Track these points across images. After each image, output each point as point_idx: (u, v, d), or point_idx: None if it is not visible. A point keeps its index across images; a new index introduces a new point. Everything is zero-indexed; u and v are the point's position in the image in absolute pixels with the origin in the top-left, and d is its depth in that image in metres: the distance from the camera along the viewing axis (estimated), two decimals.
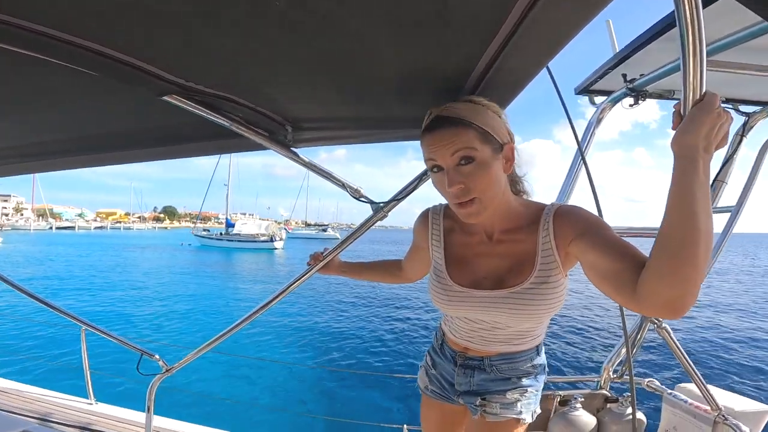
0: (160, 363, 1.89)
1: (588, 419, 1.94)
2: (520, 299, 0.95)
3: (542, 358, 1.15)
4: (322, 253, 1.48)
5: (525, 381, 1.10)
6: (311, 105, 1.06)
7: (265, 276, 21.81)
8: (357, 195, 1.35)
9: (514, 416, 1.07)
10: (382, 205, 1.35)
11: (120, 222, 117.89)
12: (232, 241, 42.38)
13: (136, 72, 0.78)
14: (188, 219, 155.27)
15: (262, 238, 42.25)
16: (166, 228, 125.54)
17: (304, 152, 1.30)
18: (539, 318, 0.99)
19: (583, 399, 2.00)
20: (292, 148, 1.27)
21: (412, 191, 1.33)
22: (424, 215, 1.17)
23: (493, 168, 0.88)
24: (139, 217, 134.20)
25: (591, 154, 1.91)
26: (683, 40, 0.59)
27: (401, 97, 0.98)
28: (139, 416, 2.70)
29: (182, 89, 0.89)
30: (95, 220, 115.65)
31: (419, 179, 1.31)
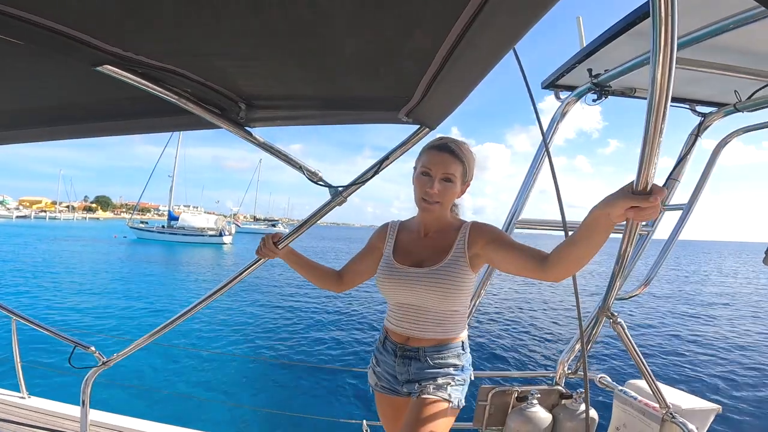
0: (96, 355, 1.86)
1: (544, 415, 2.03)
2: (433, 276, 1.36)
3: (467, 356, 1.49)
4: (275, 240, 1.47)
5: (452, 371, 1.42)
6: (267, 81, 1.04)
7: (216, 273, 21.43)
8: (315, 179, 1.34)
9: (445, 398, 1.36)
10: (341, 189, 1.36)
11: (45, 211, 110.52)
12: (176, 234, 41.13)
13: (65, 40, 0.73)
14: (124, 210, 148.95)
15: (210, 233, 41.49)
16: (98, 219, 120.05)
17: (260, 133, 1.28)
18: (448, 296, 1.36)
19: (539, 395, 2.08)
20: (246, 128, 1.24)
21: (372, 177, 1.35)
22: (386, 225, 1.61)
23: (456, 190, 1.39)
24: (68, 206, 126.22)
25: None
26: (655, 35, 0.62)
27: (363, 77, 0.98)
28: (76, 410, 2.63)
29: (120, 59, 0.84)
30: (17, 209, 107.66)
31: (379, 164, 1.34)
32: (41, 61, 0.86)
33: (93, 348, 1.87)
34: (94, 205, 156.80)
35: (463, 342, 1.47)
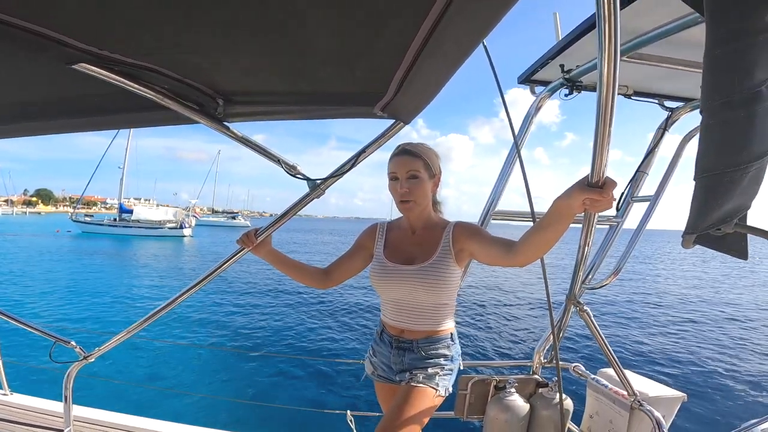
0: (77, 350, 1.93)
1: (521, 404, 2.21)
2: (423, 272, 1.56)
3: (457, 347, 1.70)
4: (255, 233, 1.57)
5: (442, 361, 1.63)
6: (243, 77, 1.12)
7: (184, 265, 22.14)
8: (293, 172, 1.44)
9: (432, 386, 1.55)
10: (318, 182, 1.46)
11: None
12: (130, 227, 41.64)
13: (39, 39, 0.79)
14: (68, 204, 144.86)
15: (170, 225, 42.53)
16: (39, 213, 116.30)
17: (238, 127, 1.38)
18: (437, 291, 1.57)
19: (517, 384, 2.25)
20: (224, 123, 1.33)
21: (349, 170, 1.46)
22: (374, 225, 1.81)
23: (426, 186, 1.59)
24: (6, 201, 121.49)
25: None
26: (600, 39, 0.72)
27: (338, 73, 1.06)
28: (59, 406, 2.66)
29: (95, 57, 0.90)
30: None
31: (356, 158, 1.45)
32: (14, 58, 0.91)
33: (73, 342, 1.94)
34: (34, 199, 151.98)
35: (452, 333, 1.69)
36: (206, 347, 8.05)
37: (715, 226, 0.79)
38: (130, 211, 44.62)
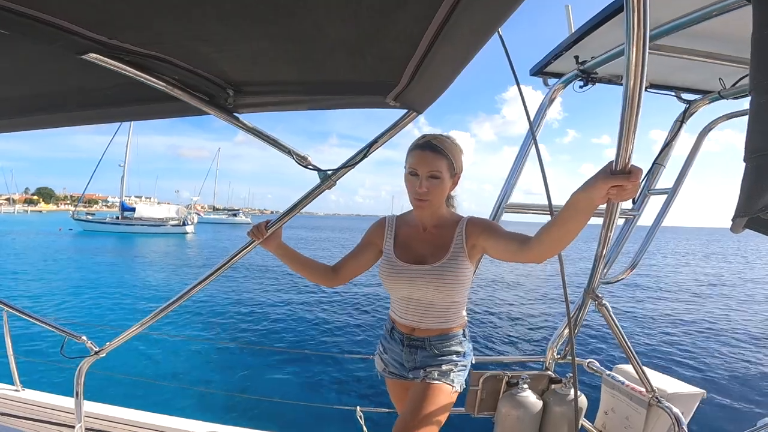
0: (88, 345, 1.93)
1: (534, 400, 2.20)
2: (435, 273, 1.53)
3: (468, 343, 1.71)
4: (265, 225, 1.56)
5: (455, 357, 1.64)
6: (254, 67, 1.11)
7: (189, 260, 22.71)
8: (304, 163, 1.43)
9: (448, 383, 1.57)
10: (330, 173, 1.45)
11: None
12: (132, 225, 42.37)
13: (49, 29, 0.78)
14: (69, 202, 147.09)
15: (172, 222, 43.39)
16: (40, 212, 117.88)
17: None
18: (450, 290, 1.55)
19: (530, 380, 2.24)
20: (234, 114, 1.33)
21: (361, 160, 1.45)
22: (382, 220, 1.77)
23: (445, 185, 1.52)
24: (7, 199, 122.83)
25: (524, 136, 2.14)
26: (628, 25, 0.72)
27: (349, 62, 1.05)
28: (70, 402, 2.71)
29: (105, 47, 0.90)
30: None
31: (368, 148, 1.43)
32: (25, 49, 0.91)
33: (84, 337, 1.94)
34: (35, 198, 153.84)
35: (463, 330, 1.69)
36: (216, 343, 8.24)
37: None
38: (133, 209, 45.21)
